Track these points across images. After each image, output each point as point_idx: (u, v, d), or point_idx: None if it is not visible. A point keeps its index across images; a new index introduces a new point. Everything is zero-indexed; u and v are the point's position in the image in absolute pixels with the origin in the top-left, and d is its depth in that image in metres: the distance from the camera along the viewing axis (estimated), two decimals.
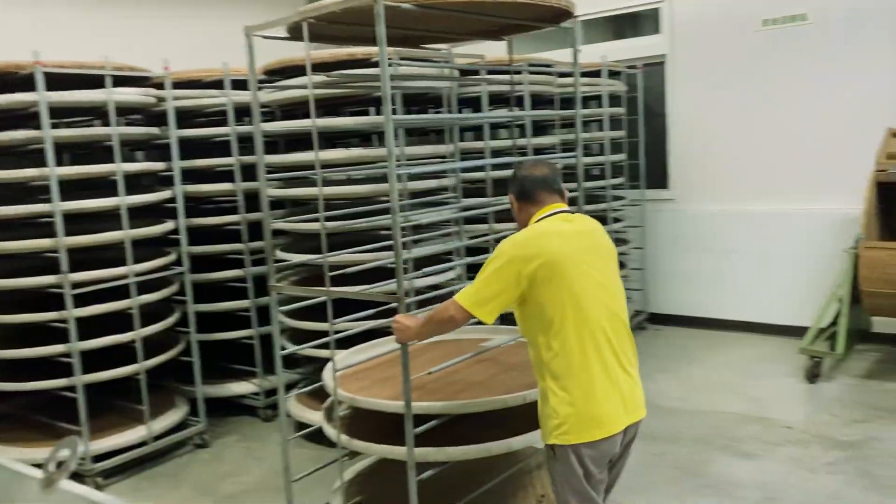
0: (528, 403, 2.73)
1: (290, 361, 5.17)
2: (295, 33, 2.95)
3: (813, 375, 5.03)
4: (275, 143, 5.21)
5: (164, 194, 4.54)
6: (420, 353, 3.29)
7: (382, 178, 4.43)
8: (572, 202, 2.64)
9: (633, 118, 6.53)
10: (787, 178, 6.03)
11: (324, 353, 4.41)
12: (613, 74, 6.23)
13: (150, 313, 4.42)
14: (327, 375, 3.14)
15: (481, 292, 2.33)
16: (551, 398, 2.31)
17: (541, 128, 6.12)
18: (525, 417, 2.77)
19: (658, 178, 6.71)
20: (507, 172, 5.37)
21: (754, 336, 6.09)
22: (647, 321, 6.62)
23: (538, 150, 5.20)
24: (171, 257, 4.54)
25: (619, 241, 6.15)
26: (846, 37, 5.62)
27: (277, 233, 4.97)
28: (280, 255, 4.62)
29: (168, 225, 4.53)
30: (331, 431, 3.04)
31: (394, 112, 4.26)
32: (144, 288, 4.29)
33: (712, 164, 6.32)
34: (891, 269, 4.62)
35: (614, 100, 6.25)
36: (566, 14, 3.09)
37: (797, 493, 3.56)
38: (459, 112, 5.46)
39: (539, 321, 2.32)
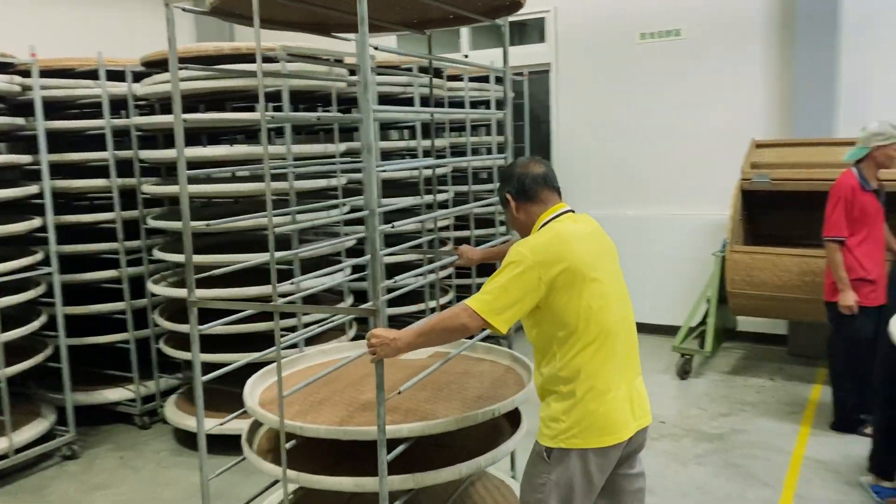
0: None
1: (170, 365, 4.96)
2: (218, 8, 2.75)
3: (684, 372, 5.32)
4: (153, 138, 4.98)
5: (30, 189, 4.25)
6: (346, 372, 3.09)
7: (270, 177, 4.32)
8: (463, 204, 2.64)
9: (519, 124, 6.70)
10: (663, 184, 6.35)
11: (213, 357, 4.27)
12: (500, 80, 6.36)
13: (13, 317, 4.13)
14: (252, 399, 2.80)
15: (500, 299, 2.17)
16: (560, 403, 2.22)
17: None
18: (470, 431, 2.66)
19: None
20: (402, 174, 5.47)
21: None
22: None
23: (426, 153, 5.23)
24: (38, 257, 4.25)
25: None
26: (718, 52, 5.99)
27: (154, 231, 4.76)
28: (158, 254, 4.43)
29: (34, 222, 4.23)
30: (266, 466, 2.64)
31: (280, 109, 4.20)
32: (6, 289, 3.99)
33: (593, 170, 6.57)
34: (754, 272, 4.95)
35: (501, 105, 6.38)
36: (514, 6, 3.00)
37: (670, 485, 3.75)
38: (348, 112, 5.43)
39: (553, 326, 2.23)
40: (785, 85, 5.76)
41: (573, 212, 2.39)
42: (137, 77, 4.57)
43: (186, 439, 4.46)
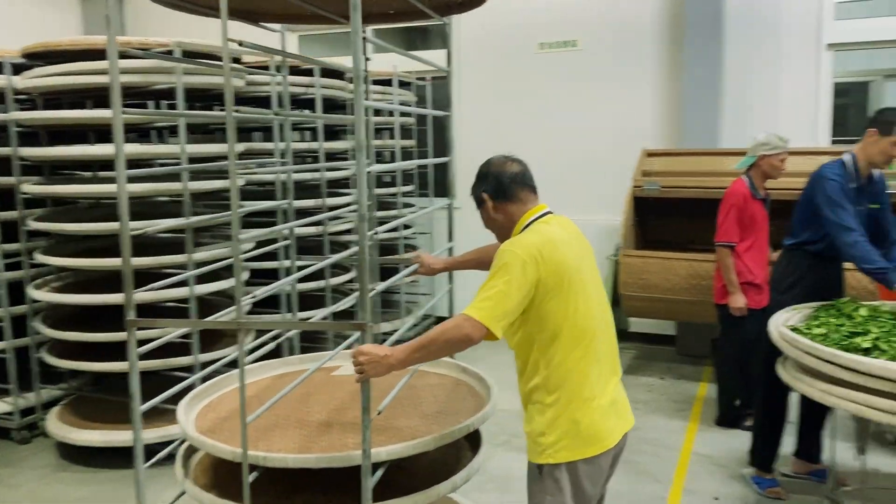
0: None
1: (52, 376, 4.68)
2: None
3: None
4: (35, 135, 4.69)
5: None
6: (273, 390, 2.87)
7: (162, 177, 4.16)
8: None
9: (422, 128, 6.72)
10: (560, 190, 6.47)
11: (101, 366, 4.06)
12: (404, 85, 6.37)
13: None
14: (189, 426, 2.53)
15: (502, 305, 2.05)
16: (544, 414, 2.15)
17: (333, 132, 6.10)
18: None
19: (446, 186, 6.95)
20: (304, 176, 5.37)
21: None
22: (435, 325, 6.85)
23: (330, 155, 5.17)
24: None
25: (409, 248, 6.30)
26: (612, 64, 6.22)
27: (36, 234, 4.49)
28: (41, 258, 4.18)
29: None
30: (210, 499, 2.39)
31: (174, 107, 4.04)
32: None
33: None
34: (645, 275, 5.16)
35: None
36: (472, 3, 2.95)
37: None
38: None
39: (538, 331, 2.14)
40: (674, 96, 6.03)
41: (552, 213, 2.33)
42: (17, 69, 4.30)
43: (70, 454, 4.22)
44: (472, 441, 2.77)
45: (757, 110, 5.84)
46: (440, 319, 6.81)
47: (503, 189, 2.32)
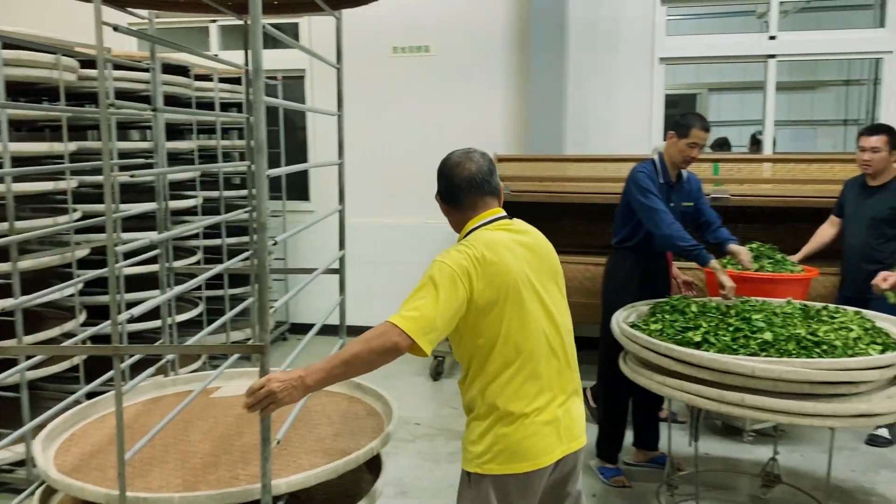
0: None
1: None
2: None
3: (437, 373, 5.54)
4: None
5: None
6: (146, 417, 2.65)
7: None
8: (213, 211, 2.45)
9: (273, 129, 6.55)
10: (418, 193, 6.56)
11: None
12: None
13: None
14: (48, 465, 2.25)
15: (427, 318, 1.92)
16: (477, 425, 2.07)
17: (176, 132, 5.81)
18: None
19: (299, 189, 6.83)
20: (125, 178, 5.06)
21: None
22: (289, 332, 6.69)
23: (172, 156, 4.91)
24: None
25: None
26: (464, 70, 6.34)
27: None
28: None
29: None
30: None
31: None
32: None
33: (350, 179, 6.57)
34: None
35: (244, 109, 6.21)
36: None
37: (425, 484, 3.87)
38: (81, 107, 4.92)
39: (473, 344, 2.06)
40: (522, 103, 6.24)
41: (508, 218, 2.20)
42: None
43: None
44: (371, 461, 2.62)
45: (597, 119, 6.16)
46: (295, 326, 6.67)
47: (450, 193, 2.19)
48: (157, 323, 4.43)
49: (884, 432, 4.30)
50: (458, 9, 6.30)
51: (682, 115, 3.85)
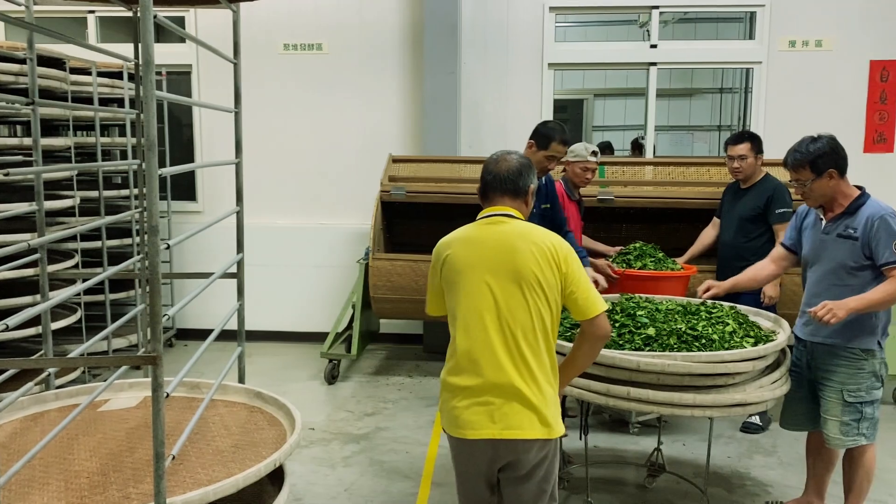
0: None
1: None
2: None
3: (332, 377, 5.47)
4: None
5: None
6: (24, 436, 2.44)
7: None
8: (91, 212, 2.31)
9: (158, 126, 6.27)
10: (310, 194, 6.47)
11: None
12: (133, 78, 5.89)
13: None
14: None
15: (428, 297, 2.52)
16: (442, 375, 2.42)
17: (50, 128, 5.48)
18: None
19: (185, 189, 6.58)
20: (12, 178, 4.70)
21: (282, 344, 6.38)
22: (175, 337, 6.43)
23: (45, 153, 4.62)
24: None
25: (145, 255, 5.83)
26: (359, 70, 6.29)
27: None
28: None
29: None
30: None
31: None
32: None
33: (244, 180, 6.42)
34: (394, 277, 5.29)
35: (135, 105, 5.92)
36: None
37: (320, 489, 3.81)
38: None
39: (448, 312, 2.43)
40: (417, 104, 6.27)
41: (504, 216, 2.40)
42: None
43: None
44: (274, 474, 2.52)
45: (489, 121, 6.27)
46: (182, 331, 6.42)
47: (481, 187, 2.50)
48: (30, 331, 4.16)
49: (756, 419, 4.59)
50: (352, 8, 6.25)
51: (542, 124, 3.85)
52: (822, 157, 3.07)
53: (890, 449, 4.30)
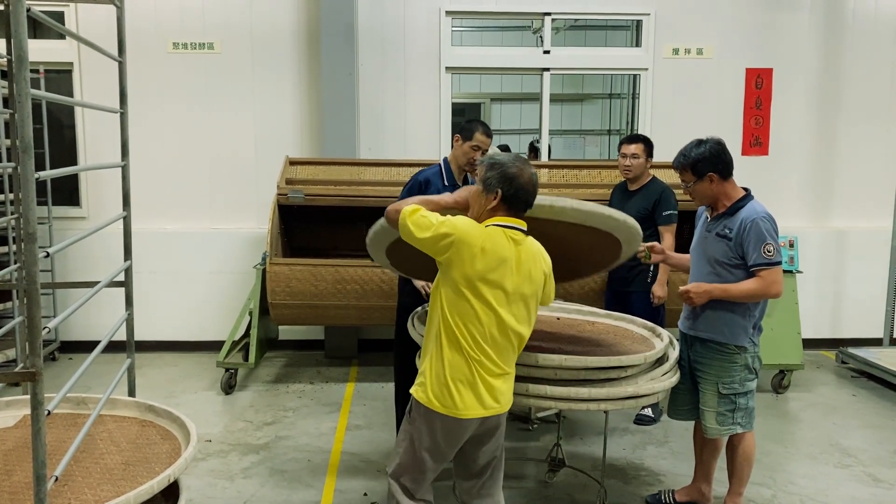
0: None
1: None
2: None
3: (229, 386, 5.31)
4: None
5: None
6: None
7: None
8: None
9: (37, 127, 5.91)
10: (202, 198, 6.25)
11: None
12: (5, 75, 5.53)
13: None
14: None
15: (428, 220, 2.50)
16: (428, 360, 2.62)
17: None
18: None
19: (68, 194, 6.23)
20: None
21: (176, 355, 6.13)
22: (59, 350, 6.06)
23: None
24: None
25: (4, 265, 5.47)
26: (253, 71, 6.14)
27: None
28: None
29: None
30: None
31: None
32: None
33: (132, 183, 6.14)
34: (293, 283, 5.19)
35: (8, 104, 5.55)
36: None
37: (218, 503, 3.68)
38: None
39: (453, 298, 2.52)
40: (314, 107, 6.18)
41: (523, 232, 2.60)
42: None
43: None
44: (169, 490, 2.41)
45: (389, 124, 6.26)
46: (66, 344, 6.06)
47: (509, 196, 2.57)
48: None
49: (648, 412, 4.78)
50: (242, 5, 6.09)
51: (467, 120, 4.05)
52: (701, 162, 3.23)
53: (770, 434, 4.59)
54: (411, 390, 2.69)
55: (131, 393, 3.19)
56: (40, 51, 5.89)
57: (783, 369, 5.37)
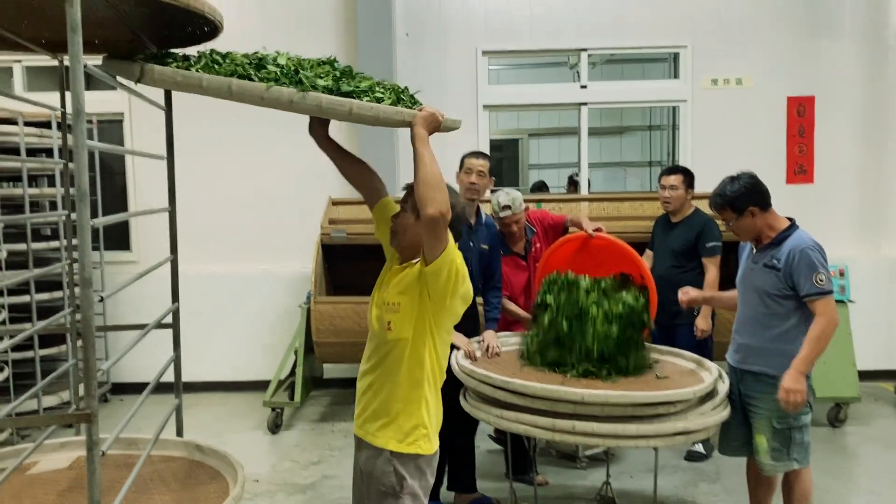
0: None
1: None
2: None
3: (276, 426, 5.34)
4: None
5: None
6: None
7: None
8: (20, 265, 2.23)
9: (90, 175, 6.12)
10: (249, 239, 6.38)
11: None
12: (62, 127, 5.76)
13: None
14: None
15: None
16: (423, 406, 2.38)
17: None
18: None
19: (118, 239, 6.41)
20: None
21: (223, 395, 6.21)
22: (110, 392, 6.19)
23: None
24: None
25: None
26: (296, 118, 6.27)
27: None
28: None
29: None
30: None
31: None
32: None
33: (180, 227, 6.30)
34: (337, 321, 5.23)
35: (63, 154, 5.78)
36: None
37: None
38: None
39: (443, 337, 2.39)
40: (354, 146, 6.28)
41: None
42: None
43: None
44: None
45: None
46: (118, 386, 6.18)
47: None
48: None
49: (699, 447, 4.66)
50: (284, 48, 6.24)
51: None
52: (739, 198, 3.20)
53: (828, 469, 4.43)
54: (410, 449, 2.39)
55: (179, 433, 3.23)
56: (93, 102, 6.12)
57: (839, 402, 5.20)
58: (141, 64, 1.90)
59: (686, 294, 3.61)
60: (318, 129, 2.81)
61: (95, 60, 2.44)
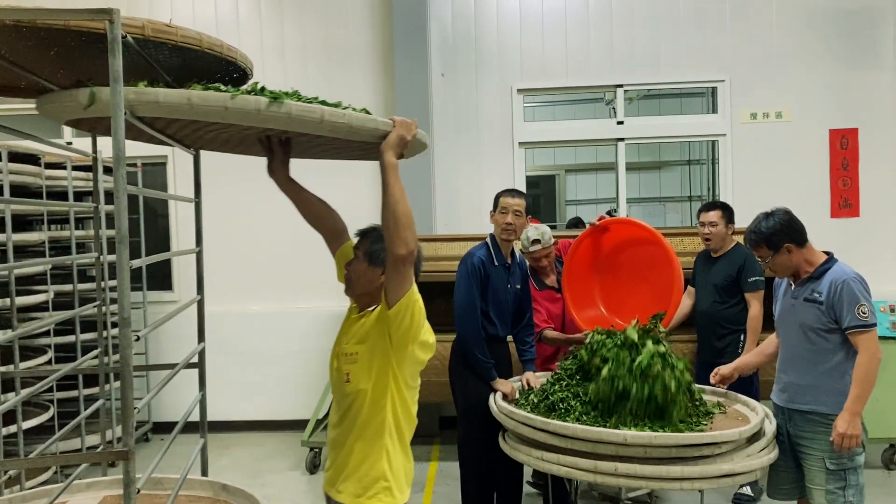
0: None
1: None
2: None
3: (314, 466, 5.32)
4: None
5: None
6: None
7: None
8: (66, 306, 2.26)
9: (133, 217, 6.27)
10: (284, 278, 6.44)
11: None
12: (109, 170, 5.93)
13: None
14: None
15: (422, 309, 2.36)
16: (384, 458, 2.29)
17: (24, 223, 5.46)
18: None
19: (161, 279, 6.53)
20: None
21: (261, 434, 6.22)
22: (152, 431, 6.24)
23: (18, 249, 4.59)
24: None
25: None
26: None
27: None
28: None
29: None
30: None
31: None
32: None
33: (218, 266, 6.39)
34: None
35: (110, 197, 5.93)
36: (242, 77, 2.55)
37: None
38: None
39: (411, 378, 2.34)
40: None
41: None
42: None
43: None
44: None
45: (464, 200, 6.35)
46: (159, 425, 6.24)
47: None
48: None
49: (747, 490, 4.50)
50: (320, 91, 6.36)
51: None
52: (775, 234, 3.13)
53: None
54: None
55: (204, 473, 3.23)
56: (138, 145, 6.30)
57: (894, 443, 4.99)
58: (91, 89, 1.87)
59: (716, 376, 3.52)
60: (279, 170, 2.75)
61: None
